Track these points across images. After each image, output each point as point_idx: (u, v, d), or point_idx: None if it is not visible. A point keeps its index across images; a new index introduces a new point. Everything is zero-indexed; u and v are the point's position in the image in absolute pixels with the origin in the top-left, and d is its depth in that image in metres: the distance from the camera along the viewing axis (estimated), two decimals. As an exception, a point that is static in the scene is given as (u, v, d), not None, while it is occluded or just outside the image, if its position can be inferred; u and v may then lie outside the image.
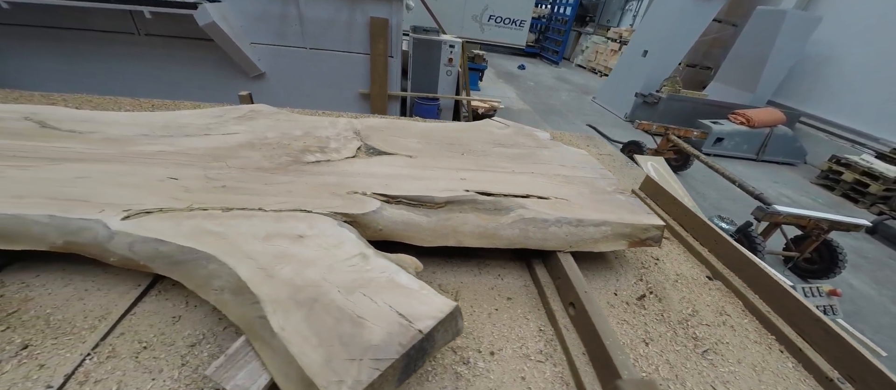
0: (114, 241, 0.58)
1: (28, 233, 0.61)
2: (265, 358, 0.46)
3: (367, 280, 0.55)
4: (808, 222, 2.03)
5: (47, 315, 0.62)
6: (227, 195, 0.70)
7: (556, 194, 0.91)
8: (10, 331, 0.59)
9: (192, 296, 0.69)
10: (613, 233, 0.85)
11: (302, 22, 2.71)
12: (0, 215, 0.60)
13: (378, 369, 0.43)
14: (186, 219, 0.62)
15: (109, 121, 1.00)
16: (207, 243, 0.57)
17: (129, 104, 1.61)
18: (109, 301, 0.66)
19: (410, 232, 0.75)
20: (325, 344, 0.44)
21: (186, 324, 0.63)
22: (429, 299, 0.53)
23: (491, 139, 1.22)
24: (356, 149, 0.98)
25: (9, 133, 0.90)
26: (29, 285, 0.69)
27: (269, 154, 0.89)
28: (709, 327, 0.85)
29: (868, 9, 5.03)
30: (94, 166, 0.77)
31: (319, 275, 0.54)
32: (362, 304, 0.50)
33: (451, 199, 0.80)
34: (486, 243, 0.80)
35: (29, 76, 2.94)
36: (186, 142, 0.92)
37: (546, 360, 0.68)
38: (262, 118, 1.10)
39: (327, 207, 0.69)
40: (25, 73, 2.93)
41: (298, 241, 0.60)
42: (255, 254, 0.56)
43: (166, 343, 0.59)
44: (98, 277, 0.72)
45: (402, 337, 0.47)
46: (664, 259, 1.06)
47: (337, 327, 0.47)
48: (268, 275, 0.52)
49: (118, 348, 0.58)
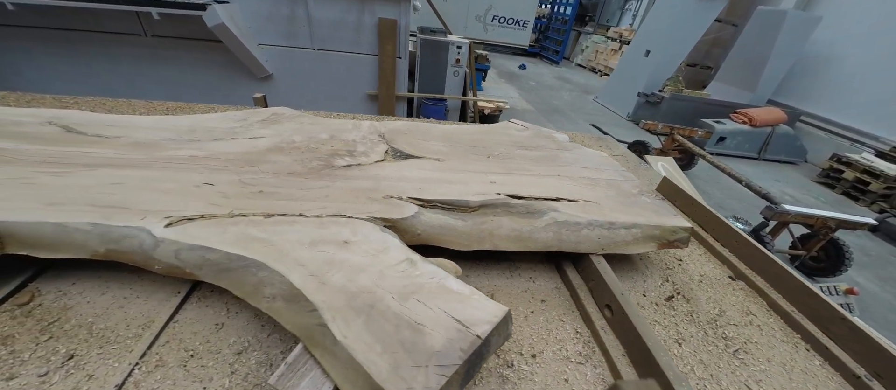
0: (159, 249, 0.58)
1: (70, 242, 0.61)
2: (327, 365, 0.46)
3: (419, 285, 0.55)
4: (816, 221, 2.06)
5: (89, 324, 0.62)
6: (266, 201, 0.70)
7: (585, 197, 0.91)
8: (54, 341, 0.59)
9: (233, 303, 0.69)
10: (643, 236, 0.86)
11: (310, 23, 2.70)
12: (41, 223, 0.60)
13: (444, 375, 0.43)
14: (230, 226, 0.62)
15: (134, 125, 0.99)
16: (255, 250, 0.57)
17: (143, 107, 1.60)
18: (150, 308, 0.66)
19: (447, 236, 0.75)
20: (389, 350, 0.45)
21: (230, 332, 0.63)
22: (482, 304, 0.54)
23: (512, 141, 1.22)
24: (384, 153, 0.98)
25: (34, 138, 0.89)
26: (66, 293, 0.68)
27: (300, 158, 0.89)
28: (737, 327, 0.86)
29: (867, 9, 5.09)
30: (128, 172, 0.76)
31: (372, 282, 0.54)
32: (418, 310, 0.51)
33: (484, 203, 0.81)
34: (520, 247, 0.80)
35: (33, 78, 2.90)
36: (215, 146, 0.91)
37: (586, 362, 0.69)
38: (285, 121, 1.10)
39: (367, 212, 0.69)
40: (30, 75, 2.90)
41: (344, 247, 0.60)
42: (304, 261, 0.56)
43: (212, 351, 0.59)
44: (135, 284, 0.71)
45: (461, 342, 0.47)
46: (687, 260, 1.07)
47: (397, 334, 0.47)
48: (321, 281, 0.52)
49: (165, 357, 0.57)
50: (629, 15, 11.65)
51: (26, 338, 0.58)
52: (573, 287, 0.84)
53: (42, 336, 0.59)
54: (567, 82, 8.82)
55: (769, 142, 4.76)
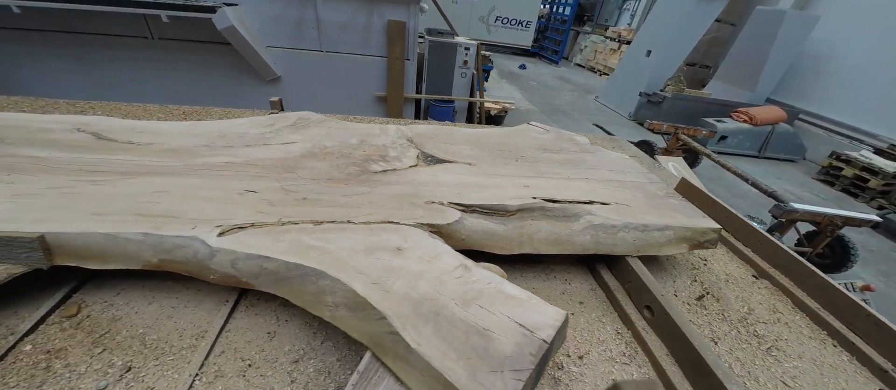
0: (216, 259, 0.58)
1: (121, 252, 0.60)
2: (401, 373, 0.46)
3: (478, 291, 0.55)
4: (823, 219, 2.10)
5: (141, 335, 0.62)
6: (312, 208, 0.70)
7: (616, 199, 0.93)
8: (109, 353, 0.58)
9: (282, 311, 0.69)
10: (675, 237, 0.88)
11: (319, 25, 2.69)
12: (91, 233, 0.60)
13: (520, 380, 0.44)
14: (282, 234, 0.62)
15: (165, 132, 0.99)
16: (313, 258, 0.57)
17: (158, 111, 1.58)
18: (200, 318, 0.66)
19: (489, 240, 0.76)
20: (464, 357, 0.45)
21: (283, 340, 0.63)
22: (540, 308, 0.55)
23: (535, 144, 1.23)
24: (415, 157, 0.98)
25: (66, 145, 0.88)
26: (112, 304, 0.68)
27: (336, 164, 0.89)
28: (766, 325, 0.88)
29: (865, 8, 5.19)
30: (168, 180, 0.76)
31: (432, 288, 0.54)
32: (481, 316, 0.51)
33: (522, 207, 0.82)
34: (559, 250, 0.81)
35: (38, 81, 2.86)
36: (249, 152, 0.91)
37: (631, 362, 0.70)
38: (313, 126, 1.10)
39: (413, 218, 0.70)
40: (35, 79, 2.85)
41: (398, 254, 0.60)
42: (363, 269, 0.56)
43: (269, 360, 0.59)
44: (180, 294, 0.71)
45: (529, 347, 0.48)
46: (711, 260, 1.09)
47: (467, 340, 0.48)
48: (384, 289, 0.53)
49: (223, 367, 0.58)
50: (627, 15, 11.74)
51: (79, 351, 0.58)
52: (609, 288, 0.85)
53: (95, 348, 0.59)
54: (567, 82, 8.88)
55: (769, 140, 4.84)
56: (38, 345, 0.58)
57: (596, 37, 11.30)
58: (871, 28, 5.11)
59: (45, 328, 0.61)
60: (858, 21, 5.27)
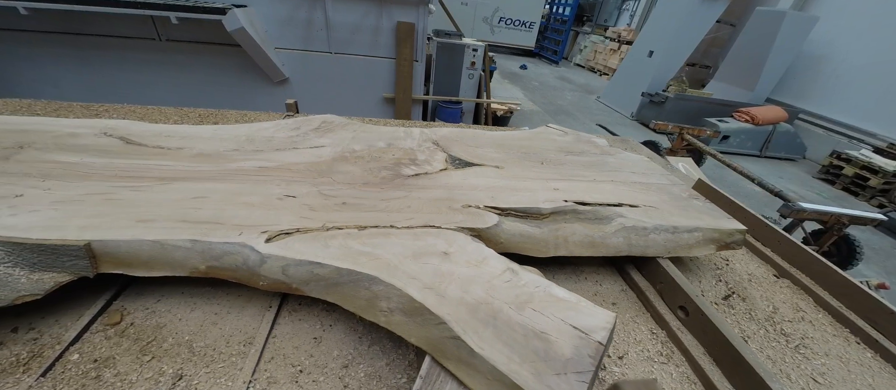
0: (266, 266, 0.58)
1: (169, 260, 0.60)
2: (464, 377, 0.47)
3: (529, 295, 0.56)
4: (830, 217, 2.13)
5: (187, 342, 0.62)
6: (353, 213, 0.71)
7: (644, 202, 0.94)
8: (157, 361, 0.58)
9: (325, 316, 0.70)
10: (704, 239, 0.89)
11: (328, 27, 2.69)
12: (139, 241, 0.60)
13: (585, 382, 0.45)
14: (329, 240, 0.62)
15: (192, 136, 0.98)
16: (363, 264, 0.57)
17: (174, 114, 1.58)
18: (245, 324, 0.66)
19: (526, 244, 0.77)
20: (527, 360, 0.46)
21: (330, 345, 0.64)
22: (590, 310, 0.55)
23: (557, 147, 1.24)
24: (444, 161, 0.99)
25: (96, 150, 0.88)
26: (154, 311, 0.68)
27: (368, 168, 0.89)
28: (791, 323, 0.90)
29: (863, 9, 5.27)
30: (205, 185, 0.76)
31: (485, 293, 0.55)
32: (537, 320, 0.52)
33: (555, 210, 0.82)
34: (593, 252, 0.82)
35: (43, 83, 2.83)
36: (280, 156, 0.91)
37: (668, 361, 0.71)
38: (339, 129, 1.10)
39: (454, 223, 0.71)
40: (39, 80, 2.82)
41: (446, 258, 0.61)
42: (415, 273, 0.57)
43: (319, 365, 0.60)
44: (222, 300, 0.71)
45: (587, 349, 0.49)
46: (733, 259, 1.11)
47: (528, 343, 0.48)
48: (438, 294, 0.54)
49: (275, 374, 0.58)
50: (627, 15, 11.81)
51: (128, 360, 0.58)
52: (640, 289, 0.86)
53: (143, 356, 0.59)
54: (568, 82, 8.92)
55: (771, 139, 4.90)
56: (85, 354, 0.58)
57: (595, 37, 11.35)
58: (869, 28, 5.19)
59: (90, 336, 0.61)
60: (857, 22, 5.36)
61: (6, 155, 0.84)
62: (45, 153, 0.85)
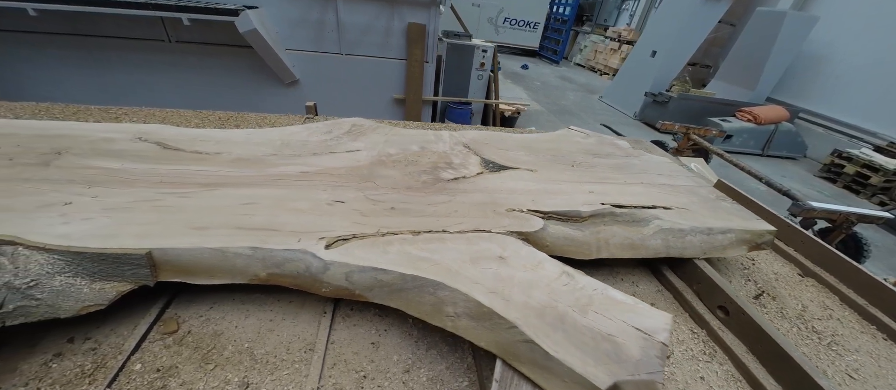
0: (329, 272, 0.59)
1: (230, 267, 0.61)
2: (539, 380, 0.48)
3: (589, 298, 0.57)
4: (838, 216, 2.16)
5: (247, 349, 0.62)
6: (403, 218, 0.71)
7: (676, 203, 0.95)
8: (221, 370, 0.58)
9: (378, 321, 0.70)
10: (736, 240, 0.91)
11: (339, 28, 2.68)
12: (199, 249, 0.60)
13: (660, 382, 0.46)
14: (385, 245, 0.63)
15: (227, 140, 0.98)
16: (426, 269, 0.58)
17: (193, 116, 1.57)
18: (301, 330, 0.66)
19: (570, 247, 0.78)
20: (601, 362, 0.47)
21: (388, 350, 0.64)
22: (648, 311, 0.57)
23: (583, 149, 1.25)
24: (479, 164, 1.00)
25: (134, 155, 0.88)
26: (209, 318, 0.68)
27: (407, 172, 0.90)
28: (821, 321, 0.92)
29: (862, 9, 5.36)
30: (251, 190, 0.76)
31: (547, 297, 0.56)
32: (601, 322, 0.53)
33: (594, 213, 0.84)
34: (633, 254, 0.84)
35: (50, 85, 2.80)
36: (318, 161, 0.92)
37: (712, 360, 0.73)
38: (370, 133, 1.11)
39: (502, 227, 0.72)
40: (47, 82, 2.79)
41: (502, 263, 0.62)
42: (477, 279, 0.58)
43: (381, 370, 0.60)
44: (274, 306, 0.71)
45: (653, 350, 0.50)
46: (758, 259, 1.13)
47: (597, 345, 0.49)
48: (504, 299, 0.55)
49: (340, 380, 0.58)
50: (626, 15, 11.87)
51: (190, 368, 0.58)
52: (676, 290, 0.88)
53: (206, 364, 0.59)
54: (570, 82, 8.96)
55: (773, 138, 4.96)
56: (147, 364, 0.58)
57: (595, 37, 11.41)
58: (868, 29, 5.27)
59: (149, 345, 0.61)
60: (856, 22, 5.43)
61: (46, 161, 0.83)
62: (83, 159, 0.85)
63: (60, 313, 0.55)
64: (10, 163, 0.82)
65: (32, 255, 0.57)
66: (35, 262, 0.57)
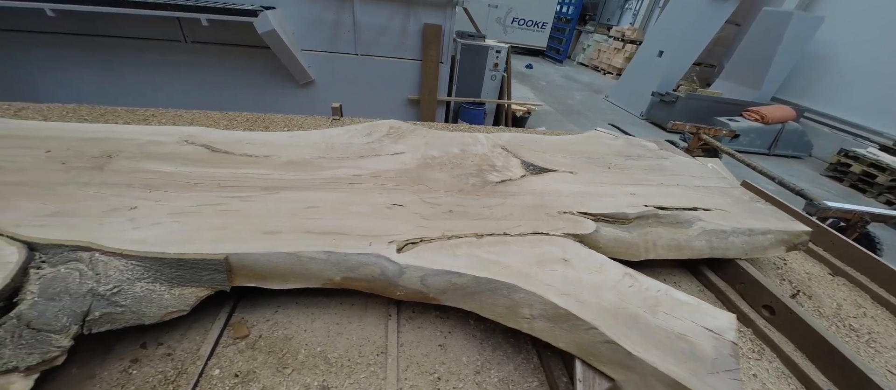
0: (405, 276, 0.60)
1: (304, 271, 0.62)
2: (622, 379, 0.50)
3: (656, 299, 0.59)
4: (853, 215, 2.18)
5: (320, 353, 0.63)
6: (464, 221, 0.73)
7: (713, 205, 0.97)
8: (298, 374, 0.59)
9: (441, 323, 0.71)
10: (776, 240, 0.93)
11: (355, 29, 2.69)
12: (275, 253, 0.61)
13: (737, 379, 0.48)
14: (453, 248, 0.64)
15: (271, 143, 1.00)
16: (497, 272, 0.60)
17: (221, 118, 1.58)
18: (369, 333, 0.67)
19: (621, 248, 0.80)
20: (681, 361, 0.49)
21: (456, 352, 0.66)
22: (712, 311, 0.59)
23: (614, 151, 1.27)
24: (520, 166, 1.01)
25: (184, 158, 0.89)
26: (276, 322, 0.69)
27: (454, 174, 0.92)
28: (856, 319, 0.94)
29: (867, 9, 5.39)
30: (310, 194, 0.78)
31: (617, 298, 0.58)
32: (671, 322, 0.55)
33: (639, 215, 0.85)
34: (678, 255, 0.85)
35: (64, 86, 2.79)
36: (366, 164, 0.93)
37: (761, 358, 0.75)
38: (409, 135, 1.12)
39: (559, 229, 0.73)
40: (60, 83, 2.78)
41: (568, 265, 0.64)
42: (548, 281, 0.59)
43: (452, 372, 0.62)
44: (337, 309, 0.72)
45: (725, 349, 0.52)
46: (790, 259, 1.15)
47: (673, 345, 0.51)
48: (578, 300, 0.56)
49: (416, 382, 0.59)
50: (629, 14, 11.86)
51: (268, 373, 0.59)
52: (718, 289, 0.90)
53: (283, 369, 0.60)
54: (574, 81, 8.97)
55: (779, 138, 5.00)
56: (225, 369, 0.59)
57: (599, 36, 11.41)
58: (872, 29, 5.31)
59: (222, 350, 0.62)
60: (860, 22, 5.46)
61: (99, 164, 0.85)
62: (135, 162, 0.86)
63: (145, 319, 0.56)
64: (64, 167, 0.83)
65: (111, 261, 0.58)
66: (114, 268, 0.58)
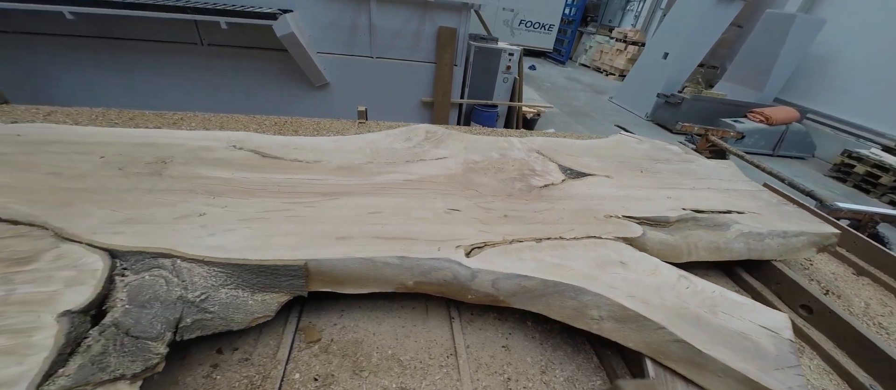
0: (477, 280, 0.62)
1: (380, 276, 0.64)
2: (693, 376, 0.53)
3: (712, 299, 0.62)
4: (864, 216, 2.23)
5: (392, 356, 0.64)
6: (520, 225, 0.76)
7: (746, 208, 1.00)
8: (375, 376, 0.61)
9: (499, 324, 0.74)
10: (808, 242, 0.96)
11: (371, 31, 2.71)
12: (352, 259, 0.62)
13: (801, 375, 0.51)
14: (517, 252, 0.67)
15: (318, 148, 1.02)
16: (563, 275, 0.63)
17: (249, 122, 1.60)
18: (435, 335, 0.69)
19: (666, 251, 0.83)
20: (747, 359, 0.52)
21: (520, 352, 0.68)
22: (766, 311, 0.62)
23: (642, 155, 1.30)
24: (559, 171, 1.04)
25: (238, 164, 0.91)
26: (344, 326, 0.70)
27: (499, 179, 0.95)
28: (884, 317, 0.97)
29: (868, 12, 5.47)
30: (369, 200, 0.80)
31: (677, 299, 0.61)
32: (730, 322, 0.58)
33: (680, 218, 0.89)
34: (718, 257, 0.89)
35: (80, 88, 2.80)
36: (413, 169, 0.96)
37: (801, 355, 0.78)
38: (446, 139, 1.15)
39: (610, 233, 0.76)
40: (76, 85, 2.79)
41: (625, 268, 0.67)
42: (611, 283, 0.62)
43: (520, 372, 0.64)
44: (400, 312, 0.74)
45: (784, 346, 0.55)
46: (815, 260, 1.19)
47: (738, 343, 0.54)
48: (643, 302, 0.59)
49: (488, 383, 0.61)
50: (631, 15, 11.94)
51: (345, 376, 0.61)
52: (755, 290, 0.93)
53: (360, 372, 0.61)
54: (578, 82, 9.01)
55: (783, 139, 5.06)
56: (303, 373, 0.61)
57: (600, 37, 11.47)
58: (875, 31, 5.39)
59: (297, 354, 0.64)
60: (863, 24, 5.55)
61: (156, 170, 0.87)
62: (191, 168, 0.88)
63: (233, 325, 0.58)
64: (122, 173, 0.85)
65: (193, 268, 0.60)
66: (198, 275, 0.59)
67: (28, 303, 0.50)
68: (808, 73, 6.22)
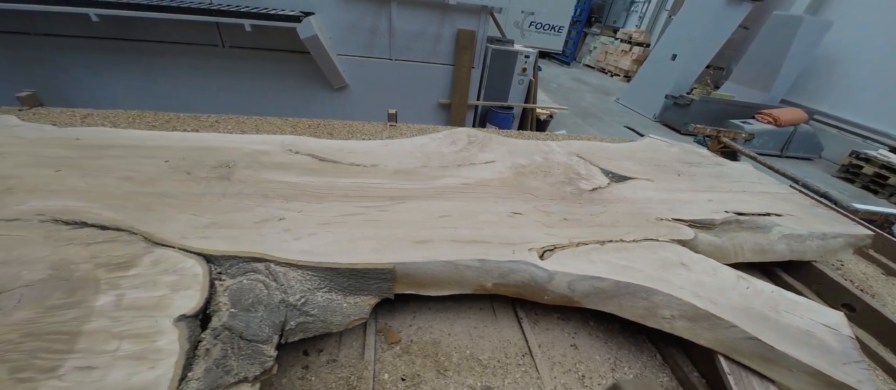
0: (554, 281, 0.65)
1: (460, 278, 0.66)
2: (766, 372, 0.57)
3: (773, 299, 0.66)
4: (879, 217, 2.28)
5: (471, 355, 0.66)
6: (581, 228, 0.79)
7: (782, 210, 1.04)
8: (458, 375, 0.63)
9: (564, 323, 0.76)
10: (845, 243, 1.00)
11: (391, 34, 2.74)
12: (434, 262, 0.64)
13: (865, 369, 0.55)
14: (585, 254, 0.71)
15: (371, 152, 1.05)
16: (632, 276, 0.66)
17: (283, 124, 1.63)
18: (508, 336, 0.71)
19: (715, 252, 0.87)
20: (817, 355, 0.56)
21: (589, 351, 0.71)
22: (821, 309, 0.66)
23: (675, 158, 1.34)
24: (602, 174, 1.08)
25: (298, 168, 0.94)
26: (419, 327, 0.71)
27: (549, 183, 0.98)
28: None
29: (874, 14, 5.50)
30: (435, 203, 0.82)
31: (741, 299, 0.65)
32: (793, 320, 0.62)
33: (724, 220, 0.92)
34: (761, 258, 0.92)
35: (99, 89, 2.83)
36: (467, 172, 0.99)
37: (846, 355, 0.82)
38: (491, 143, 1.18)
39: (664, 235, 0.80)
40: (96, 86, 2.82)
41: (687, 269, 0.70)
42: (679, 284, 0.66)
43: (592, 369, 0.67)
44: (468, 312, 0.76)
45: (846, 343, 0.59)
46: (845, 260, 1.22)
47: (805, 340, 0.58)
48: (711, 302, 0.63)
49: (565, 381, 0.63)
50: (635, 16, 11.95)
51: (431, 375, 0.62)
52: (796, 290, 0.97)
53: (444, 371, 0.63)
54: (584, 83, 9.03)
55: (791, 140, 5.10)
56: (391, 374, 0.62)
57: (605, 38, 11.49)
58: (881, 32, 5.43)
59: (381, 355, 0.65)
60: (869, 26, 5.58)
61: (222, 174, 0.90)
62: (255, 172, 0.91)
63: (332, 328, 0.59)
64: (190, 177, 0.88)
65: (288, 272, 0.61)
66: (294, 279, 0.61)
67: (142, 308, 0.52)
68: (815, 75, 6.25)
